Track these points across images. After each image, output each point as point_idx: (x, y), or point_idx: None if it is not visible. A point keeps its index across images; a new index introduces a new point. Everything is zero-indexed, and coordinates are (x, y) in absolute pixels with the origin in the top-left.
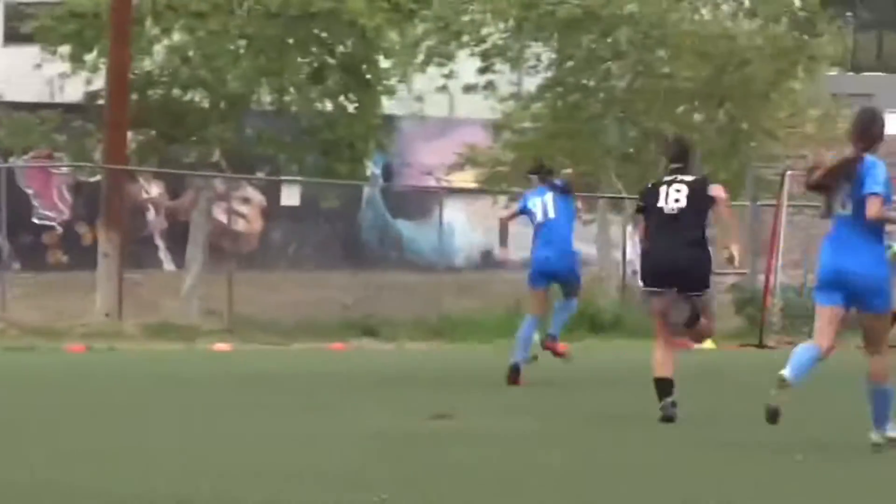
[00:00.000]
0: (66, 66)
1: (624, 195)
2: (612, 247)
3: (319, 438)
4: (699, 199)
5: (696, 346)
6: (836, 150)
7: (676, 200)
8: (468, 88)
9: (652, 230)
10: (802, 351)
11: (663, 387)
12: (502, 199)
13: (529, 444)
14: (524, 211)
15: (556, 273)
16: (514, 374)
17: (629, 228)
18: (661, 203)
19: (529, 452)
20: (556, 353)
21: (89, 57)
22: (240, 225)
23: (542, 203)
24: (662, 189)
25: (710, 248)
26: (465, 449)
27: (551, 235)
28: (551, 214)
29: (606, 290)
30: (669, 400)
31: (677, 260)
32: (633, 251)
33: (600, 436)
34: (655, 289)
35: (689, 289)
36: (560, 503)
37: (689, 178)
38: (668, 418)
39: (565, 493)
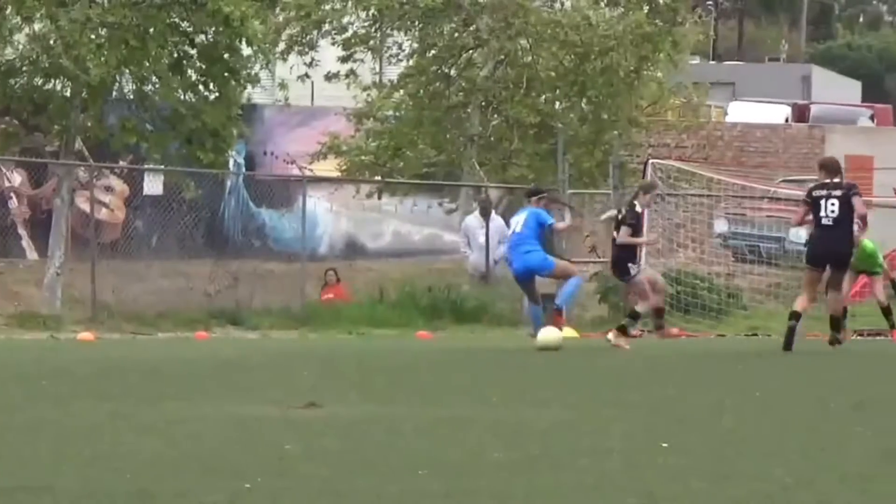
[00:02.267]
0: None
1: (486, 183)
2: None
3: (185, 427)
4: (847, 208)
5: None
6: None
7: (833, 212)
8: (330, 77)
9: (815, 231)
10: None
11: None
12: (365, 187)
13: (398, 430)
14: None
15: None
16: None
17: (494, 216)
18: (821, 214)
19: (398, 439)
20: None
21: None
22: (103, 214)
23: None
24: (821, 202)
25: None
26: (332, 436)
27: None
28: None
29: (471, 278)
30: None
31: (830, 252)
32: (497, 240)
33: (468, 420)
34: (817, 267)
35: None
36: (427, 488)
37: (838, 192)
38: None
39: (433, 477)
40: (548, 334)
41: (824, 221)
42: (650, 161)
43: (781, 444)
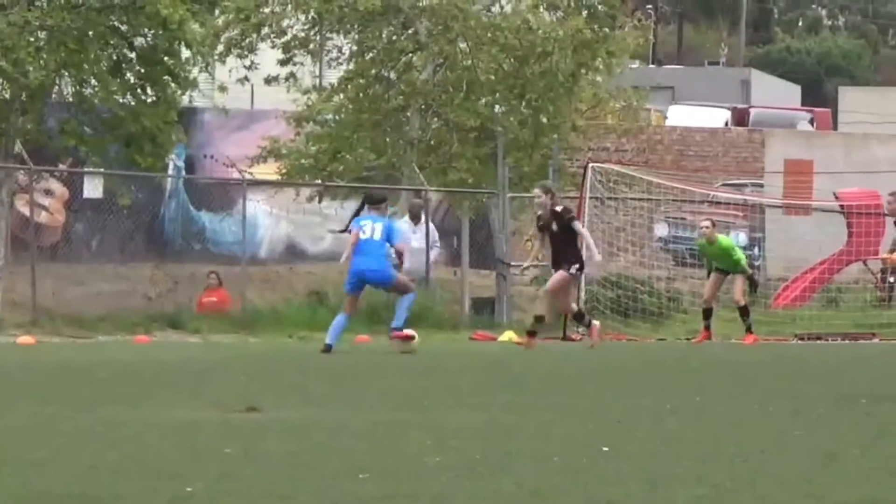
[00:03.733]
0: None
1: (426, 187)
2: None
3: (125, 431)
4: None
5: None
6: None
7: None
8: (270, 80)
9: None
10: None
11: None
12: (305, 191)
13: (338, 434)
14: None
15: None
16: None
17: (424, 220)
18: None
19: (338, 442)
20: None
21: None
22: (43, 217)
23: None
24: None
25: None
26: (272, 440)
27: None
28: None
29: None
30: None
31: None
32: (434, 244)
33: (407, 424)
34: None
35: None
36: (368, 492)
37: None
38: None
39: (373, 481)
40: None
41: None
42: (590, 165)
43: (721, 447)
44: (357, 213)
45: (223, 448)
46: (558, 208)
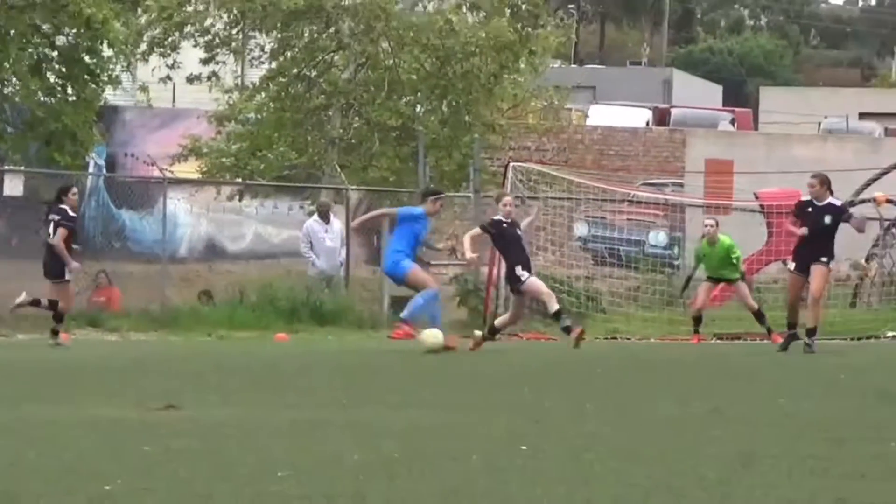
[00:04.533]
0: None
1: (347, 185)
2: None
3: (44, 429)
4: None
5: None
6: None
7: None
8: (192, 79)
9: None
10: None
11: None
12: (226, 189)
13: (257, 432)
14: None
15: None
16: None
17: (334, 219)
18: None
19: (257, 441)
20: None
21: None
22: None
23: None
24: None
25: None
26: (191, 439)
27: None
28: None
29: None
30: None
31: None
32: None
33: (327, 422)
34: None
35: None
36: (286, 490)
37: None
38: None
39: (292, 480)
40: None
41: None
42: (510, 164)
43: (640, 447)
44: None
45: (142, 446)
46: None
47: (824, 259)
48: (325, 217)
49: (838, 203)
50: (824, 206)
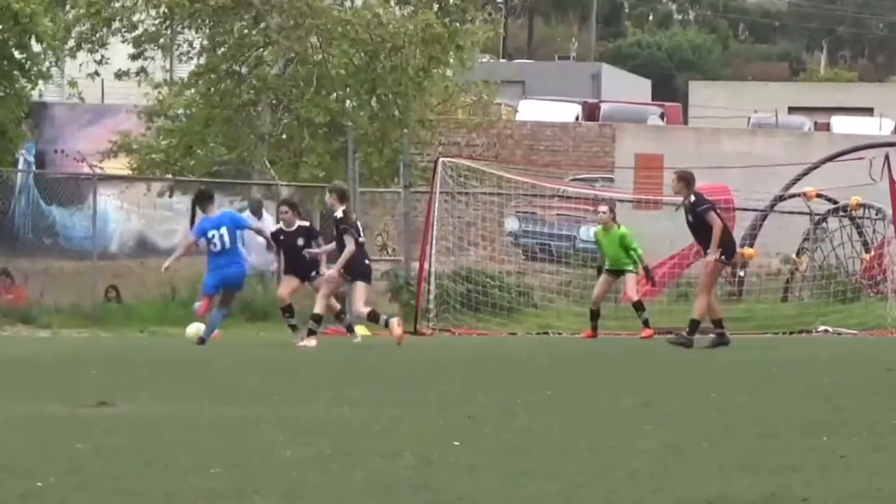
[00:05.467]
0: None
1: (277, 181)
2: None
3: None
4: None
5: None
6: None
7: None
8: (120, 75)
9: None
10: None
11: None
12: (156, 186)
13: (189, 428)
14: None
15: None
16: None
17: (266, 215)
18: None
19: (189, 437)
20: None
21: None
22: None
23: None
24: None
25: None
26: (123, 435)
27: None
28: None
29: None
30: None
31: None
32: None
33: (258, 418)
34: None
35: None
36: (218, 486)
37: None
38: None
39: (224, 475)
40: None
41: None
42: (440, 159)
43: (572, 442)
44: None
45: (74, 443)
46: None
47: (707, 252)
48: (257, 213)
49: (692, 199)
50: (687, 205)
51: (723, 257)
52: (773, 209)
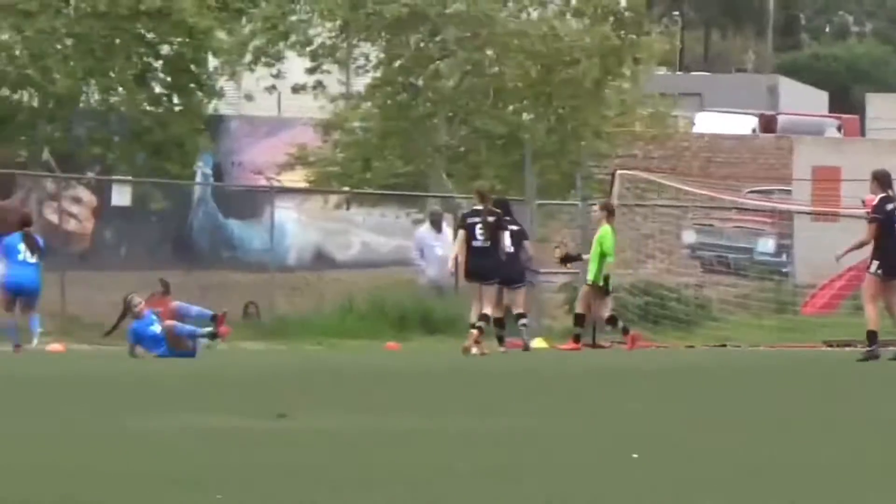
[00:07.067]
0: None
1: (454, 194)
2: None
3: (150, 439)
4: None
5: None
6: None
7: None
8: (297, 88)
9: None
10: None
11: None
12: (333, 198)
13: (367, 441)
14: None
15: None
16: None
17: (445, 227)
18: None
19: (367, 450)
20: None
21: None
22: (71, 225)
23: None
24: None
25: None
26: (301, 449)
27: None
28: None
29: (426, 290)
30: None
31: None
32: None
33: (436, 431)
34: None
35: None
36: (397, 500)
37: None
38: None
39: (403, 489)
40: None
41: None
42: (617, 172)
43: (754, 456)
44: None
45: (250, 455)
46: None
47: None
48: (436, 226)
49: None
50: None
51: (879, 271)
52: None
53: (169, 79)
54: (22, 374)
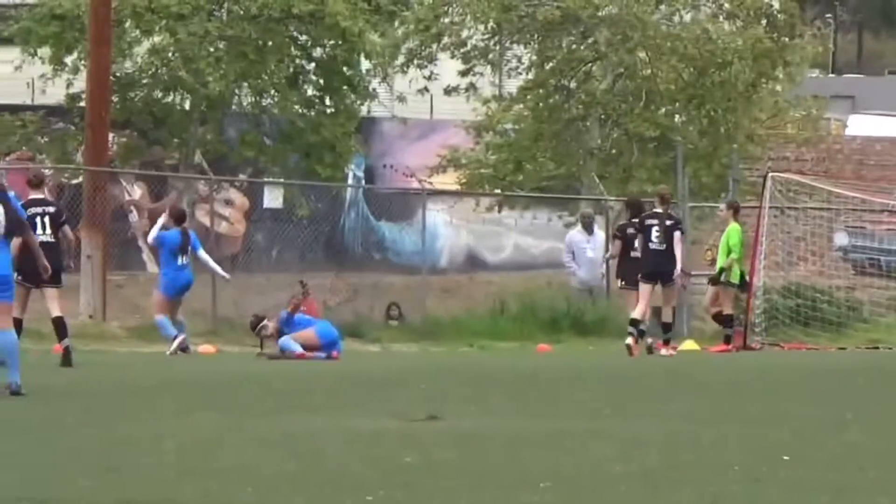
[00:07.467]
0: (46, 68)
1: (606, 196)
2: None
3: (304, 440)
4: None
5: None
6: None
7: None
8: (449, 90)
9: None
10: None
11: None
12: (485, 200)
13: (518, 443)
14: None
15: None
16: None
17: (597, 230)
18: None
19: (518, 451)
20: None
21: (70, 59)
22: (223, 227)
23: None
24: None
25: None
26: (452, 449)
27: None
28: None
29: (578, 293)
30: None
31: None
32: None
33: (587, 433)
34: None
35: None
36: (549, 501)
37: None
38: None
39: (554, 490)
40: None
41: None
42: (769, 174)
43: None
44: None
45: (404, 457)
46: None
47: None
48: (588, 228)
49: None
50: None
51: None
52: None
53: (321, 81)
54: (176, 376)
